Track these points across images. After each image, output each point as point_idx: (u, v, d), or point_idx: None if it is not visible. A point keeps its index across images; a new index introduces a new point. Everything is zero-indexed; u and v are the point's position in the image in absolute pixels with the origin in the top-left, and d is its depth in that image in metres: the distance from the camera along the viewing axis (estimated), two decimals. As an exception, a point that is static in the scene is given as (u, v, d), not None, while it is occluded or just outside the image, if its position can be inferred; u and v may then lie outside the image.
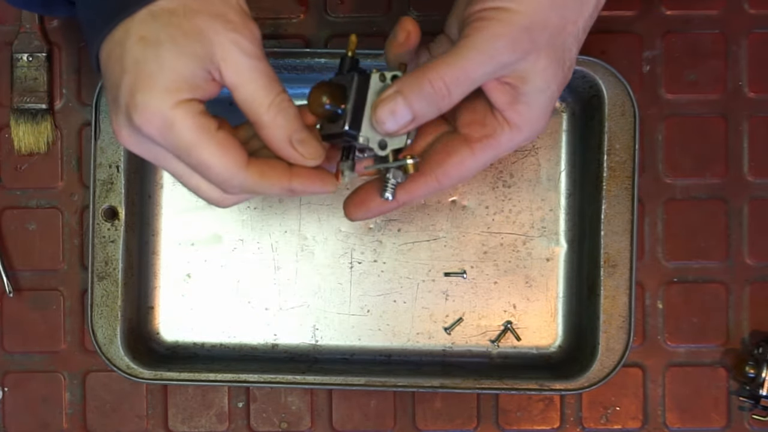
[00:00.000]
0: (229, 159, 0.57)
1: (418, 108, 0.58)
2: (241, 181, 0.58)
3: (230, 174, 0.57)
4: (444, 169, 0.62)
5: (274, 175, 0.59)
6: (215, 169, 0.57)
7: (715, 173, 0.80)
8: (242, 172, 0.57)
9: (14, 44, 0.79)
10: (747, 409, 0.80)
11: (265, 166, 0.59)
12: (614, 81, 0.75)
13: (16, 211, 0.80)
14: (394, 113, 0.58)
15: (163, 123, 0.55)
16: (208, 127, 0.56)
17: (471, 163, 0.62)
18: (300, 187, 0.59)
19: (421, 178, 0.62)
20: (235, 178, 0.57)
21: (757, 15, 0.80)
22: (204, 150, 0.56)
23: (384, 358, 0.80)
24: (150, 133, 0.56)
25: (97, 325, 0.77)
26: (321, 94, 0.59)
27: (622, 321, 0.76)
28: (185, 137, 0.56)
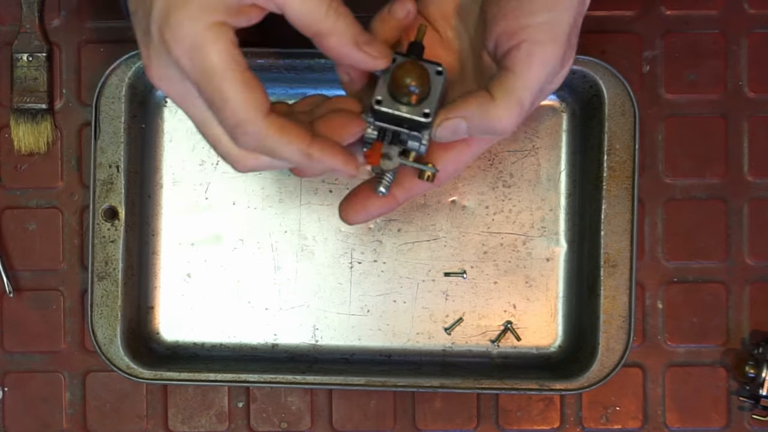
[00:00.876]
0: (251, 98, 0.54)
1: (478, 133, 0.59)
2: (258, 129, 0.54)
3: (247, 115, 0.54)
4: (442, 165, 0.62)
5: (294, 133, 0.55)
6: (232, 104, 0.53)
7: (715, 173, 0.80)
8: (261, 119, 0.54)
9: (14, 44, 0.79)
10: (747, 409, 0.80)
11: (286, 122, 0.55)
12: (614, 81, 0.75)
13: (16, 211, 0.81)
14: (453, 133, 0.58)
15: (192, 43, 0.53)
16: (238, 60, 0.54)
17: (467, 157, 0.62)
18: (319, 154, 0.56)
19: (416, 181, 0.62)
20: (252, 123, 0.54)
21: (757, 15, 0.80)
22: (227, 80, 0.53)
23: (384, 358, 0.80)
24: (179, 54, 0.53)
25: (97, 325, 0.77)
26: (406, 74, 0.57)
27: (622, 321, 0.76)
28: (212, 61, 0.53)
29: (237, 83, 0.53)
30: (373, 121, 0.59)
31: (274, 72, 0.77)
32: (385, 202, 0.63)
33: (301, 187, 0.80)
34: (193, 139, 0.80)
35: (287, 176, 0.80)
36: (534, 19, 0.56)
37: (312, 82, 0.78)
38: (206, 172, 0.80)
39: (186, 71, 0.54)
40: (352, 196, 0.63)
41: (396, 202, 0.63)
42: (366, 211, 0.63)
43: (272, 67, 0.77)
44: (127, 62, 0.76)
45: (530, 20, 0.56)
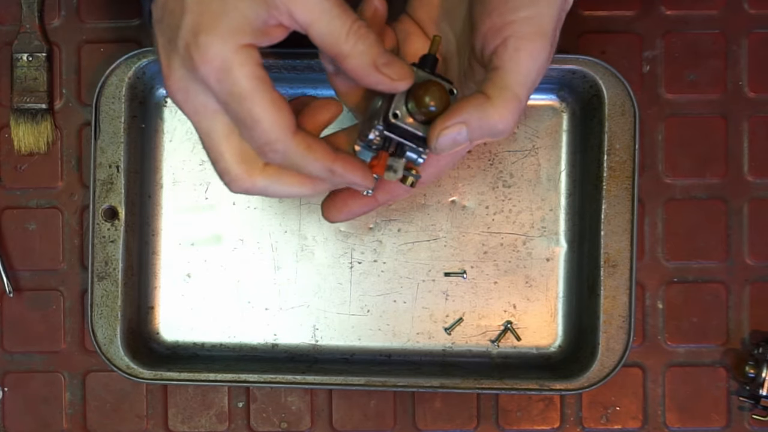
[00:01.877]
0: (281, 118, 0.55)
1: (478, 138, 0.58)
2: (286, 146, 0.56)
3: (277, 135, 0.55)
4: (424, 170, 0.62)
5: (319, 150, 0.57)
6: (264, 125, 0.55)
7: (715, 173, 0.80)
8: (290, 138, 0.56)
9: (14, 44, 0.79)
10: (747, 409, 0.80)
11: (312, 140, 0.57)
12: (614, 81, 0.75)
13: (16, 211, 0.81)
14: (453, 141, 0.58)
15: (222, 66, 0.54)
16: (265, 80, 0.55)
17: (448, 159, 0.62)
18: (341, 169, 0.58)
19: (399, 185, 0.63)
20: (281, 141, 0.55)
21: (757, 15, 0.80)
22: (257, 102, 0.54)
23: (384, 358, 0.80)
24: (206, 75, 0.54)
25: (97, 325, 0.77)
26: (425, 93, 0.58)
27: (622, 321, 0.76)
28: (241, 84, 0.54)
29: (266, 104, 0.55)
30: (381, 130, 0.59)
31: (274, 72, 0.77)
32: (366, 203, 0.64)
33: (301, 187, 0.80)
34: (193, 139, 0.80)
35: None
36: (518, 14, 0.57)
37: (312, 82, 0.78)
38: (206, 172, 0.80)
39: (214, 91, 0.55)
40: (334, 196, 0.64)
41: (377, 202, 0.64)
42: (348, 209, 0.64)
43: (272, 67, 0.77)
44: (127, 62, 0.76)
45: (515, 15, 0.57)
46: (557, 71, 0.76)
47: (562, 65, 0.76)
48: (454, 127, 0.57)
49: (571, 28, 0.79)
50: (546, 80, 0.77)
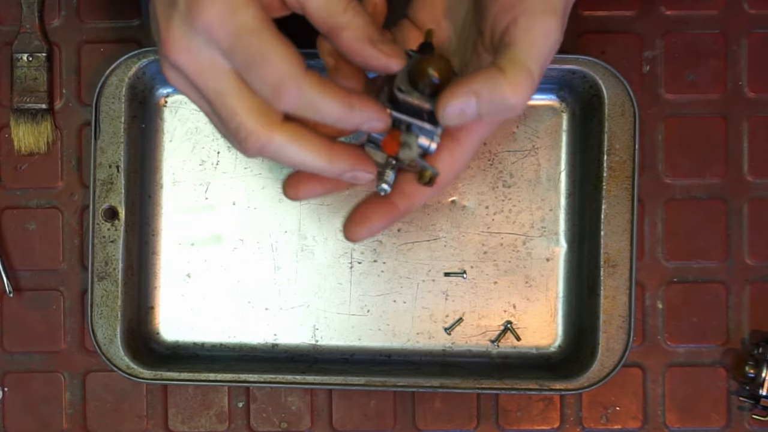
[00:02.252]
0: (290, 54, 0.53)
1: (488, 112, 0.56)
2: (300, 84, 0.54)
3: (290, 70, 0.53)
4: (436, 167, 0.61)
5: (333, 88, 0.55)
6: (273, 60, 0.53)
7: (715, 173, 0.80)
8: (302, 74, 0.53)
9: (14, 44, 0.79)
10: (747, 409, 0.80)
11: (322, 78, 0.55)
12: (614, 81, 0.75)
13: (16, 211, 0.81)
14: (462, 112, 0.55)
15: (225, 6, 0.52)
16: (271, 22, 0.54)
17: (460, 153, 0.61)
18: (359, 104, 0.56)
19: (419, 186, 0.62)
20: (294, 78, 0.53)
21: (757, 15, 0.80)
22: (265, 38, 0.53)
23: (384, 358, 0.80)
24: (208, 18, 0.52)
25: (97, 325, 0.77)
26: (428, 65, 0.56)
27: (622, 321, 0.76)
28: (247, 21, 0.53)
29: (275, 40, 0.53)
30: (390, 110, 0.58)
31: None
32: (386, 213, 0.62)
33: (301, 187, 0.80)
34: (193, 139, 0.80)
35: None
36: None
37: (312, 82, 0.78)
38: (206, 172, 0.80)
39: (217, 38, 0.53)
40: (354, 212, 0.62)
41: (398, 211, 0.62)
42: (370, 223, 0.62)
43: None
44: (127, 62, 0.76)
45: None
46: (557, 71, 0.76)
47: (562, 65, 0.76)
48: (463, 97, 0.55)
49: (571, 28, 0.79)
50: (546, 80, 0.77)
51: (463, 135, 0.61)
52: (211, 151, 0.80)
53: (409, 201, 0.62)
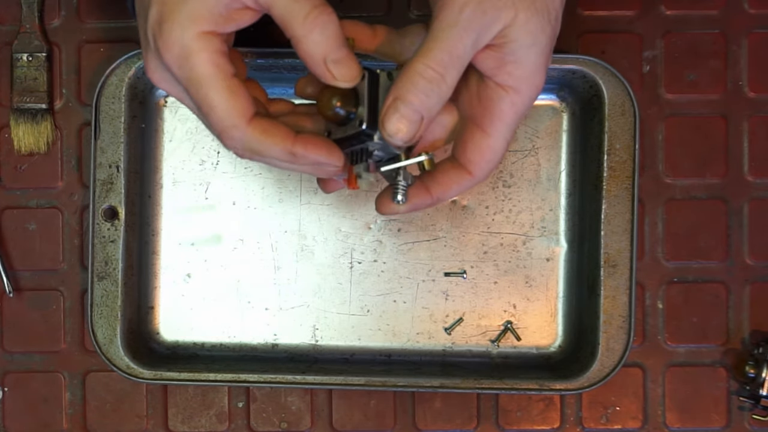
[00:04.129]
0: (235, 106, 0.56)
1: (421, 105, 0.57)
2: (242, 133, 0.57)
3: (231, 122, 0.56)
4: (467, 158, 0.61)
5: (277, 134, 0.57)
6: (218, 112, 0.56)
7: (715, 173, 0.80)
8: (244, 125, 0.57)
9: (14, 44, 0.79)
10: (747, 409, 0.80)
11: (269, 125, 0.57)
12: (614, 81, 0.75)
13: (16, 211, 0.81)
14: (401, 120, 0.57)
15: (180, 52, 0.55)
16: (224, 68, 0.56)
17: (488, 143, 0.60)
18: (302, 151, 0.58)
19: (453, 172, 0.62)
20: (236, 128, 0.57)
21: (757, 15, 0.80)
22: (212, 88, 0.56)
23: (384, 358, 0.80)
24: (168, 61, 0.56)
25: (97, 325, 0.77)
26: (332, 96, 0.58)
27: (622, 321, 0.76)
28: (198, 70, 0.56)
29: (221, 91, 0.56)
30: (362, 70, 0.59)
31: (274, 72, 0.77)
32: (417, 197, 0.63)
33: (301, 187, 0.80)
34: (193, 139, 0.80)
35: (287, 176, 0.80)
36: None
37: (312, 82, 0.78)
38: (206, 172, 0.80)
39: (176, 77, 0.57)
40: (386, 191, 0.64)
41: (431, 197, 0.63)
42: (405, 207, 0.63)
43: (272, 67, 0.77)
44: (127, 62, 0.76)
45: None
46: (557, 71, 0.76)
47: (562, 65, 0.76)
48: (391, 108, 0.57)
49: (571, 28, 0.79)
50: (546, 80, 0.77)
51: (486, 125, 0.60)
52: (211, 151, 0.80)
53: (442, 189, 0.62)
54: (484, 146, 0.61)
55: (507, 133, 0.60)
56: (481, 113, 0.60)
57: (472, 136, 0.61)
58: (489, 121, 0.60)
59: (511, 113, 0.60)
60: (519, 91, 0.59)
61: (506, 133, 0.60)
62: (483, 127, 0.60)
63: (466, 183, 0.62)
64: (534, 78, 0.59)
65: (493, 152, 0.61)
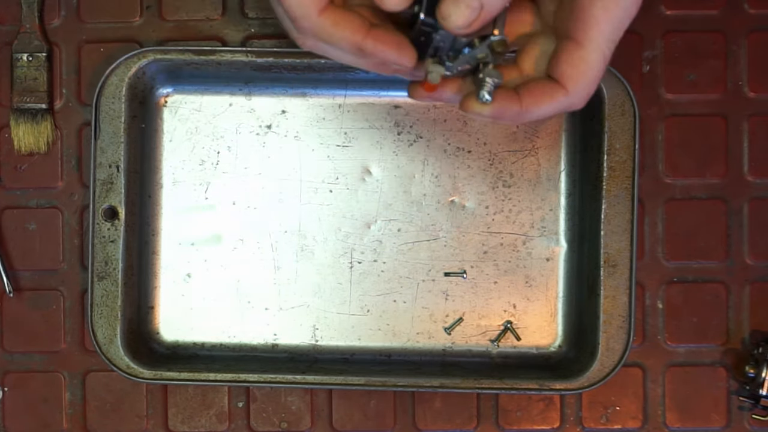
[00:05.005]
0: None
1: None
2: (313, 24, 0.56)
3: (303, 12, 0.56)
4: (560, 71, 0.58)
5: (348, 27, 0.56)
6: (288, 2, 0.56)
7: (715, 173, 0.80)
8: (315, 15, 0.56)
9: (14, 44, 0.79)
10: (747, 409, 0.80)
11: (340, 16, 0.56)
12: (614, 81, 0.75)
13: (16, 211, 0.81)
14: (457, 4, 0.54)
15: None
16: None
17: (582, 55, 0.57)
18: (372, 46, 0.56)
19: (548, 86, 0.58)
20: (307, 18, 0.56)
21: (757, 15, 0.80)
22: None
23: (384, 358, 0.80)
24: None
25: (97, 325, 0.77)
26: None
27: (622, 321, 0.76)
28: None
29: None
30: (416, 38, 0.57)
31: (274, 72, 0.77)
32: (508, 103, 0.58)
33: (301, 187, 0.80)
34: (193, 139, 0.80)
35: (287, 176, 0.80)
36: None
37: (312, 82, 0.78)
38: (206, 172, 0.80)
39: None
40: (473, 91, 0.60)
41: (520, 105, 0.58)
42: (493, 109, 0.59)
43: (272, 67, 0.77)
44: (127, 62, 0.76)
45: None
46: (557, 71, 0.76)
47: (562, 65, 0.76)
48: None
49: (571, 28, 0.79)
50: (546, 80, 0.77)
51: (581, 35, 0.57)
52: (211, 151, 0.80)
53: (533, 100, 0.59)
54: (576, 58, 0.57)
55: (603, 43, 0.57)
56: (573, 24, 0.57)
57: (565, 48, 0.58)
58: (582, 30, 0.57)
59: (605, 19, 0.57)
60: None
61: (602, 44, 0.57)
62: (576, 38, 0.57)
63: (560, 99, 0.58)
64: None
65: (588, 65, 0.57)
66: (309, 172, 0.80)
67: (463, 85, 0.60)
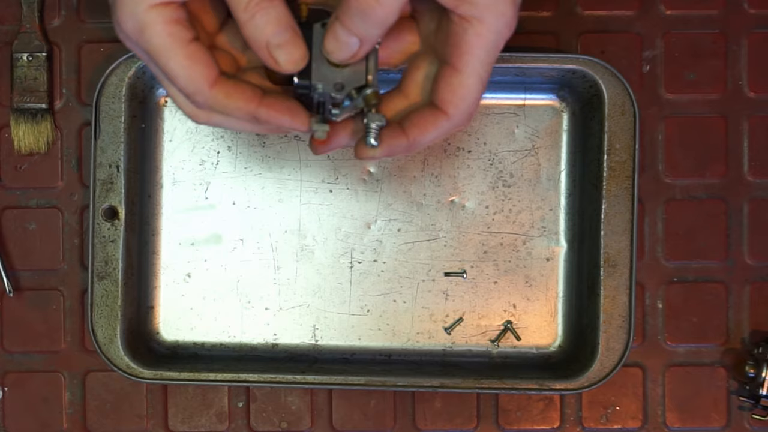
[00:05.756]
0: (196, 73, 0.57)
1: (357, 29, 0.56)
2: (206, 98, 0.58)
3: (195, 88, 0.57)
4: (440, 98, 0.59)
5: (240, 98, 0.58)
6: (181, 80, 0.57)
7: (715, 173, 0.80)
8: (207, 89, 0.57)
9: (14, 44, 0.79)
10: (747, 409, 0.80)
11: (232, 88, 0.58)
12: (614, 81, 0.75)
13: (16, 211, 0.81)
14: (338, 41, 0.57)
15: (135, 25, 0.56)
16: (180, 36, 0.57)
17: (459, 80, 0.59)
18: (266, 115, 0.59)
19: (429, 113, 0.60)
20: (200, 93, 0.57)
21: (757, 15, 0.80)
22: (171, 59, 0.57)
23: (384, 358, 0.80)
24: (127, 32, 0.57)
25: (97, 325, 0.77)
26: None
27: (622, 321, 0.76)
28: (154, 42, 0.56)
29: (181, 59, 0.57)
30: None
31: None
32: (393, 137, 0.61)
33: (301, 187, 0.80)
34: (193, 139, 0.80)
35: (287, 176, 0.80)
36: None
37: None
38: (206, 172, 0.80)
39: (135, 48, 0.58)
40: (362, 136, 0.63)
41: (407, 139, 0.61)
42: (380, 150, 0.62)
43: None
44: (127, 62, 0.76)
45: None
46: (557, 71, 0.76)
47: (562, 65, 0.76)
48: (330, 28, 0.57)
49: (571, 28, 0.79)
50: (546, 80, 0.77)
51: (455, 61, 0.59)
52: (211, 151, 0.80)
53: (418, 131, 0.61)
54: (455, 83, 0.59)
55: (479, 67, 0.59)
56: (449, 50, 0.59)
57: (443, 74, 0.59)
58: (457, 56, 0.58)
59: (478, 45, 0.58)
60: (483, 21, 0.57)
61: (478, 68, 0.59)
62: (453, 64, 0.59)
63: (443, 124, 0.60)
64: (498, 5, 0.57)
65: (466, 89, 0.59)
66: (309, 172, 0.80)
67: (355, 128, 0.63)
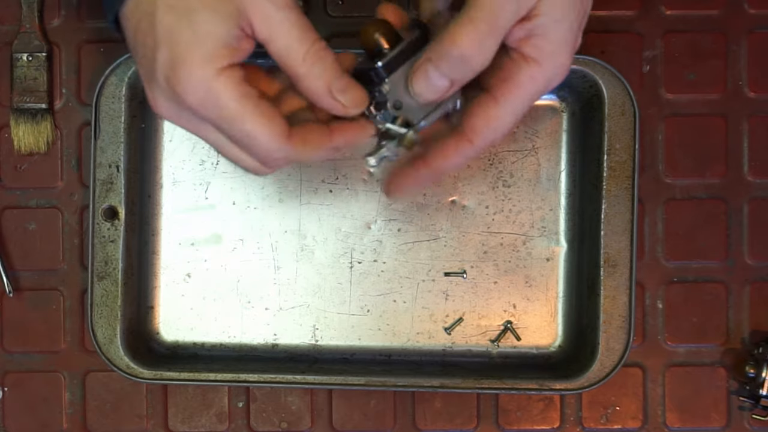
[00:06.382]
0: (274, 130, 0.56)
1: (450, 72, 0.57)
2: (286, 152, 0.57)
3: (274, 146, 0.56)
4: (471, 124, 0.59)
5: (315, 139, 0.58)
6: (259, 140, 0.56)
7: (715, 173, 0.80)
8: (285, 143, 0.57)
9: (14, 44, 0.79)
10: (747, 409, 0.80)
11: (305, 132, 0.58)
12: (614, 81, 0.75)
13: (16, 211, 0.81)
14: (427, 81, 0.57)
15: (206, 95, 0.55)
16: (252, 95, 0.56)
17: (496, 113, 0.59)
18: (342, 141, 0.58)
19: (452, 139, 0.60)
20: (280, 149, 0.57)
21: (757, 15, 0.80)
22: (248, 122, 0.55)
23: (384, 358, 0.80)
24: (193, 104, 0.55)
25: (97, 325, 0.77)
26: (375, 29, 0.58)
27: (622, 321, 0.76)
28: (230, 108, 0.55)
29: (258, 120, 0.56)
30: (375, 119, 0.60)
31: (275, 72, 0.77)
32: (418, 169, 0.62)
33: (301, 187, 0.80)
34: (193, 139, 0.80)
35: (287, 176, 0.80)
36: None
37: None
38: (206, 172, 0.80)
39: (204, 118, 0.56)
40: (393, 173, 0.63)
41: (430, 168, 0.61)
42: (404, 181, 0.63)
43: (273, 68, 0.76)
44: (127, 62, 0.76)
45: None
46: (557, 71, 0.76)
47: (562, 65, 0.75)
48: (421, 67, 0.57)
49: (571, 28, 0.79)
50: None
51: (499, 94, 0.59)
52: (211, 151, 0.80)
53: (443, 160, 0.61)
54: (492, 114, 0.59)
55: (519, 106, 0.59)
56: (496, 82, 0.59)
57: (482, 104, 0.59)
58: (504, 90, 0.59)
59: (528, 86, 0.58)
60: (541, 65, 0.58)
61: (518, 106, 0.59)
62: (495, 96, 0.59)
63: (465, 151, 0.60)
64: (559, 55, 0.58)
65: (500, 122, 0.59)
66: (309, 172, 0.80)
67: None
